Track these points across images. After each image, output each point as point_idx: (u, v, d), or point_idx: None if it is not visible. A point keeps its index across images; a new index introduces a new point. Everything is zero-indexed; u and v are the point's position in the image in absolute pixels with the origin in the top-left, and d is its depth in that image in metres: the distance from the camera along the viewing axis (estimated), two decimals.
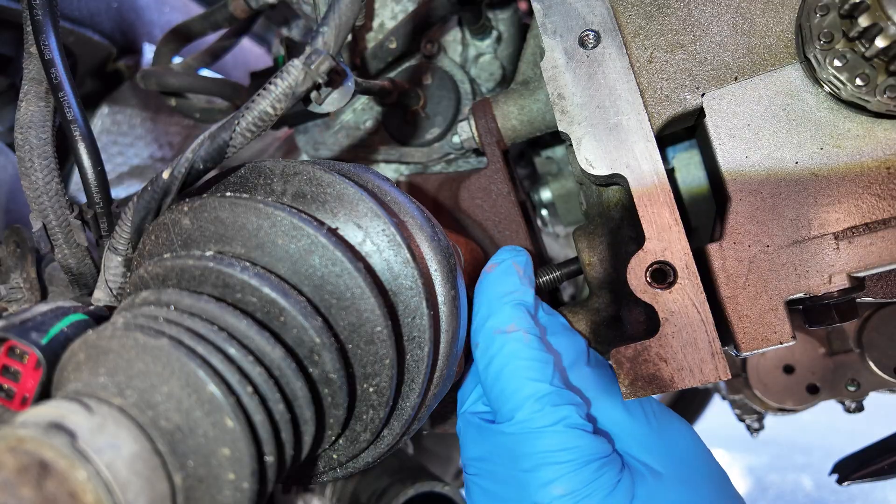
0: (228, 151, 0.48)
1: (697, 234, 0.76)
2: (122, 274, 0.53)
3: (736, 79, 0.59)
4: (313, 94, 0.50)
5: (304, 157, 1.00)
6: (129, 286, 0.49)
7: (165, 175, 0.49)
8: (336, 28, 0.47)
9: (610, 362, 0.60)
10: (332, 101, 0.52)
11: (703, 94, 0.60)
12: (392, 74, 0.91)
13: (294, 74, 0.46)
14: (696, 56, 0.60)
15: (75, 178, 1.16)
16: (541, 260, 0.80)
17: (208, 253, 0.45)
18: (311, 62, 0.46)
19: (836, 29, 0.53)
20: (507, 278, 0.64)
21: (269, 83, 0.47)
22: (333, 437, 0.48)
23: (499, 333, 0.59)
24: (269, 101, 0.47)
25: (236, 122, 0.47)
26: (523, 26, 0.93)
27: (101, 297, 0.54)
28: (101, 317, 0.50)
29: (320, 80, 0.47)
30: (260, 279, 0.43)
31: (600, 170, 0.59)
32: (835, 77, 0.53)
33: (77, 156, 0.61)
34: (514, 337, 0.59)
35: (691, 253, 0.56)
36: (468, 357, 0.66)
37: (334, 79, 0.50)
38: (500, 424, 0.58)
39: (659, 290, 0.56)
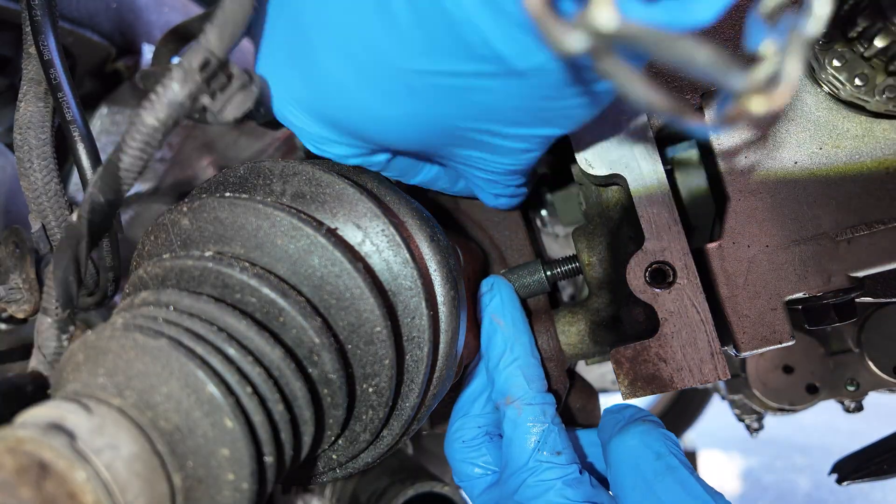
0: (125, 178, 0.43)
1: (697, 234, 0.76)
2: (56, 337, 0.47)
3: None
4: (206, 101, 0.44)
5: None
6: (129, 286, 0.49)
7: (74, 218, 0.45)
8: (220, 26, 0.42)
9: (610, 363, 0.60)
10: (235, 105, 0.46)
11: (702, 94, 0.60)
12: None
13: (176, 76, 0.42)
14: None
15: (74, 178, 1.15)
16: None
17: (207, 253, 0.45)
18: (186, 60, 0.42)
19: (836, 29, 0.53)
20: (493, 339, 0.64)
21: (152, 93, 0.42)
22: (333, 438, 0.48)
23: (500, 405, 0.62)
24: (153, 114, 0.42)
25: (125, 143, 0.42)
26: None
27: (35, 365, 0.48)
28: (19, 385, 0.45)
29: (198, 79, 0.42)
30: (259, 279, 0.43)
31: (599, 170, 0.59)
32: (834, 77, 0.53)
33: (76, 156, 0.61)
34: (509, 411, 0.61)
35: (690, 253, 0.56)
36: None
37: (220, 79, 0.44)
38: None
39: (658, 290, 0.56)
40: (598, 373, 1.78)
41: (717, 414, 2.28)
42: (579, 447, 0.66)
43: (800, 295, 0.57)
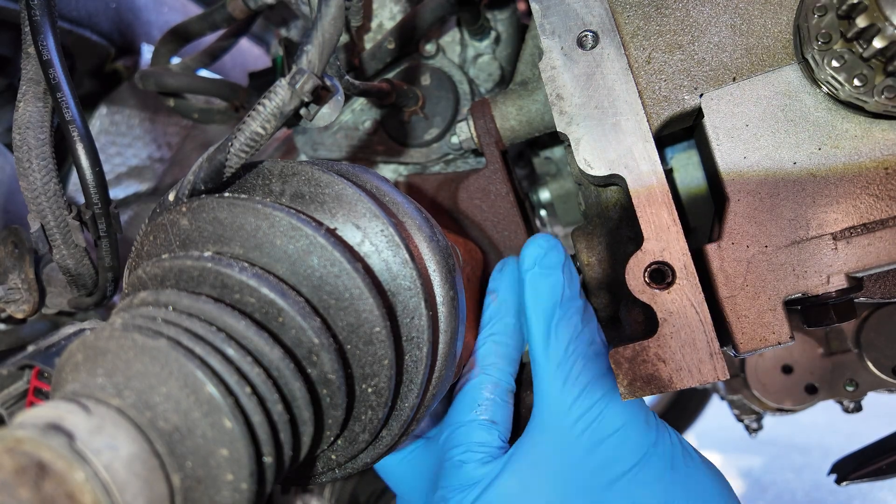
0: (226, 172, 0.50)
1: (696, 234, 0.76)
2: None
3: (734, 79, 0.59)
4: (303, 111, 0.51)
5: (303, 157, 1.00)
6: (128, 287, 0.49)
7: (171, 197, 0.51)
8: (319, 47, 0.48)
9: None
10: (322, 116, 0.53)
11: (701, 95, 0.60)
12: (390, 75, 0.91)
13: (281, 95, 0.47)
14: (695, 56, 0.60)
15: (73, 178, 1.15)
16: None
17: (206, 253, 0.45)
18: (295, 82, 0.48)
19: (834, 29, 0.53)
20: (484, 313, 0.68)
21: (258, 104, 0.48)
22: (332, 438, 0.48)
23: (469, 370, 0.66)
24: (259, 122, 0.48)
25: (230, 143, 0.49)
26: (522, 27, 0.93)
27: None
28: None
29: (306, 99, 0.48)
30: (258, 279, 0.43)
31: (599, 170, 0.59)
32: (833, 77, 0.53)
33: (75, 156, 0.61)
34: (471, 375, 0.65)
35: (690, 253, 0.56)
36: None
37: (322, 95, 0.51)
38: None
39: (657, 291, 0.56)
40: None
41: (717, 414, 2.28)
42: None
43: (799, 295, 0.57)
